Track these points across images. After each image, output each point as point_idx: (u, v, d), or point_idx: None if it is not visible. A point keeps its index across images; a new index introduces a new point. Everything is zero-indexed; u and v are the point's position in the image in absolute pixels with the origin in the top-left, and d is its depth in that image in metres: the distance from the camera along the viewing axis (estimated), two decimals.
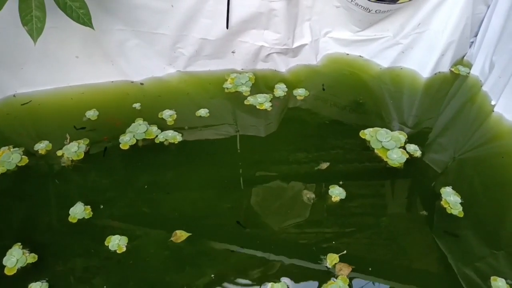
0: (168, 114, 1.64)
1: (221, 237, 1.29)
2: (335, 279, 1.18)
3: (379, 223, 1.34)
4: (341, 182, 1.41)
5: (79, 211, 1.31)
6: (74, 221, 1.30)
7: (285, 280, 1.18)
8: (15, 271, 1.17)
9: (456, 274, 1.20)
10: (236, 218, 1.32)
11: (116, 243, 1.24)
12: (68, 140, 1.52)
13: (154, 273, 1.20)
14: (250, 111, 1.69)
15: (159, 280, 1.19)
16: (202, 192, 1.41)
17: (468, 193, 1.39)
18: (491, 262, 1.23)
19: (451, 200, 1.35)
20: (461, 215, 1.32)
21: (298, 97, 1.73)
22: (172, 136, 1.55)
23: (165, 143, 1.54)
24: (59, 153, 1.48)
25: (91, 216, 1.31)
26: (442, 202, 1.36)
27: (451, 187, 1.39)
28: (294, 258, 1.24)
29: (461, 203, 1.35)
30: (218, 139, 1.58)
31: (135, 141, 1.53)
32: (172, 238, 1.26)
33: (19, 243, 1.22)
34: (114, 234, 1.26)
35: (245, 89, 1.75)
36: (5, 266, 1.18)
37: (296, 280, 1.19)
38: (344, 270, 1.19)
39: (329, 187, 1.40)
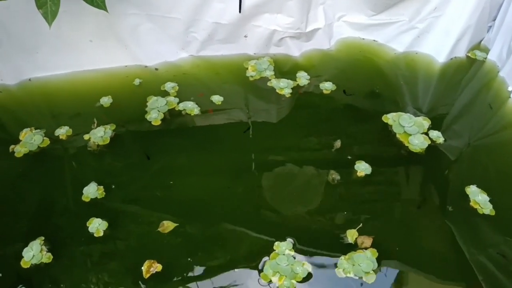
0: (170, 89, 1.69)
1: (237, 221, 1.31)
2: (364, 250, 1.19)
3: (393, 207, 1.35)
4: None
5: (92, 191, 1.34)
6: (87, 200, 1.33)
7: (290, 239, 1.21)
8: (28, 266, 1.18)
9: (475, 260, 1.21)
10: (252, 201, 1.34)
11: (96, 226, 1.26)
12: (95, 125, 1.54)
13: (167, 255, 1.22)
14: (264, 97, 1.68)
15: (172, 263, 1.21)
16: (214, 176, 1.42)
17: (485, 181, 1.36)
18: (506, 249, 1.23)
19: (479, 199, 1.30)
20: (493, 213, 1.27)
21: (324, 91, 1.69)
22: (191, 108, 1.59)
23: (182, 112, 1.59)
24: (86, 137, 1.50)
25: (103, 196, 1.34)
26: (471, 203, 1.30)
27: (475, 185, 1.34)
28: (315, 236, 1.26)
29: (490, 201, 1.30)
30: (232, 123, 1.59)
31: (162, 115, 1.57)
32: (159, 229, 1.26)
33: (42, 237, 1.23)
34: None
35: (269, 74, 1.76)
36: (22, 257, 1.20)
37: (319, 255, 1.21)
38: (366, 241, 1.21)
39: (356, 162, 1.41)
